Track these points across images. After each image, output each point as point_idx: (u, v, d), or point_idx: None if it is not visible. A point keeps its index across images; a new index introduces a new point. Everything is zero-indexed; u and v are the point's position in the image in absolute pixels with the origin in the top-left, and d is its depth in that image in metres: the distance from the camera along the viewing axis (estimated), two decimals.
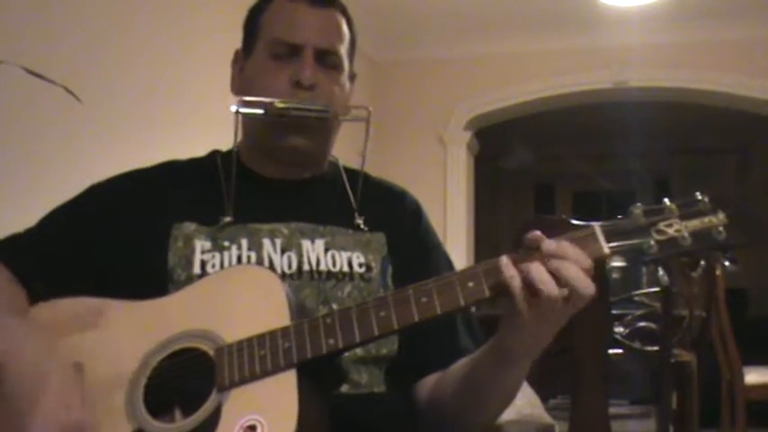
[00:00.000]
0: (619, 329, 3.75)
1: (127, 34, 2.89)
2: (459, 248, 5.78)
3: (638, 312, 3.97)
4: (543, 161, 9.04)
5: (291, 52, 1.39)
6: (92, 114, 2.36)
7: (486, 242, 7.71)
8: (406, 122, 5.76)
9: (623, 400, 6.66)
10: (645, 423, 5.85)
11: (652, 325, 3.80)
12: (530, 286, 1.07)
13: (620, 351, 3.56)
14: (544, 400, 2.96)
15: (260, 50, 1.43)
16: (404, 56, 5.75)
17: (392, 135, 5.60)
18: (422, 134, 5.98)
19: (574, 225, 2.64)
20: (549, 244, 1.08)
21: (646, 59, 5.75)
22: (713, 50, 5.67)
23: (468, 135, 6.10)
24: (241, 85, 1.47)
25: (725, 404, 4.64)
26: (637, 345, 3.71)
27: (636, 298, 4.08)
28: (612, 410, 2.68)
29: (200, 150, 1.54)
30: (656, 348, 3.37)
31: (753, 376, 4.54)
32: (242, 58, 1.49)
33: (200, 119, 3.32)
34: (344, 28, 1.46)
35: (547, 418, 2.60)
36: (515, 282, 1.07)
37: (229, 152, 1.48)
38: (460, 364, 1.32)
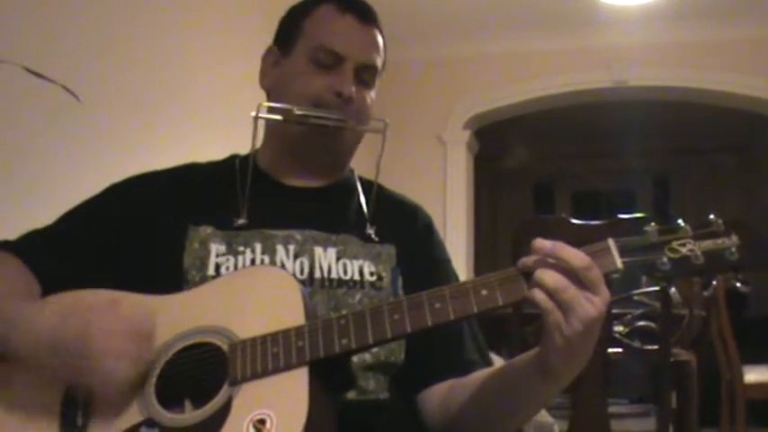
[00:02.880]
0: (618, 328, 3.74)
1: (127, 33, 2.89)
2: (458, 247, 5.78)
3: (638, 311, 3.96)
4: (543, 160, 9.05)
5: (333, 62, 1.42)
6: (91, 113, 2.36)
7: (486, 241, 7.71)
8: (406, 122, 5.76)
9: (623, 399, 6.66)
10: (644, 422, 5.85)
11: (652, 324, 3.79)
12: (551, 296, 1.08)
13: (619, 350, 3.55)
14: None
15: (301, 53, 1.44)
16: (403, 56, 5.75)
17: (392, 134, 5.56)
18: (421, 133, 5.98)
19: (573, 224, 2.65)
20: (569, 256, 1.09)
21: (646, 59, 5.75)
22: (713, 49, 5.67)
23: (467, 134, 6.10)
24: (275, 83, 1.49)
25: (724, 403, 4.65)
26: (636, 344, 3.71)
27: (635, 297, 4.07)
28: (612, 409, 2.68)
29: (200, 150, 1.55)
30: (655, 347, 3.36)
31: (752, 375, 4.54)
32: (277, 55, 1.50)
33: (201, 119, 3.32)
34: (382, 48, 1.49)
35: (547, 417, 2.61)
36: (539, 295, 1.08)
37: (248, 156, 1.49)
38: (486, 376, 1.32)
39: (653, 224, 1.12)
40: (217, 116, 3.41)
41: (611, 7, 5.31)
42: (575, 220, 2.59)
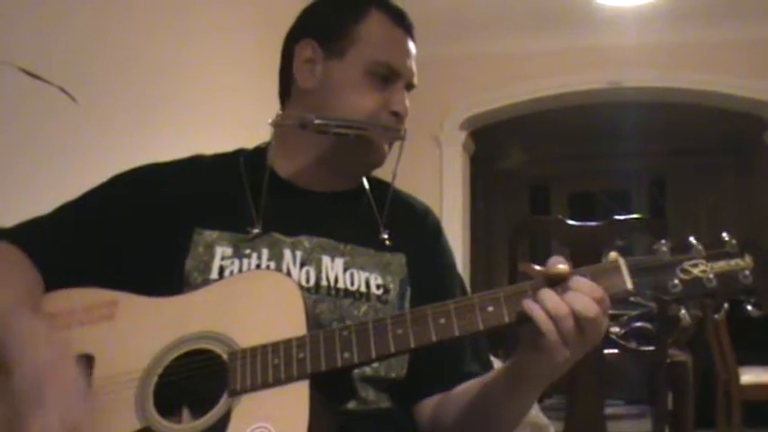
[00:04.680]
0: (614, 329, 3.75)
1: (124, 34, 2.89)
2: (454, 249, 5.67)
3: (634, 312, 3.96)
4: (538, 161, 9.06)
5: (388, 77, 1.40)
6: (88, 115, 2.35)
7: (482, 242, 7.71)
8: None
9: (619, 400, 6.67)
10: (640, 423, 5.86)
11: (648, 325, 3.80)
12: (552, 319, 1.07)
13: (615, 351, 3.56)
14: (539, 399, 2.96)
15: (355, 62, 1.39)
16: None
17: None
18: (417, 134, 5.90)
19: (569, 225, 2.65)
20: (575, 282, 1.08)
21: (641, 60, 5.76)
22: (709, 51, 5.68)
23: (463, 135, 6.10)
24: (318, 84, 1.41)
25: (720, 404, 4.65)
26: (632, 345, 3.71)
27: (632, 298, 4.08)
28: (608, 410, 2.69)
29: (197, 152, 1.53)
30: (651, 348, 3.36)
31: (748, 376, 4.55)
32: (320, 53, 1.41)
33: (198, 120, 3.32)
34: None
35: (542, 418, 2.61)
36: (540, 313, 1.06)
37: (254, 151, 1.48)
38: (469, 385, 1.31)
39: (664, 242, 1.10)
40: (214, 117, 3.40)
41: (606, 8, 5.31)
42: (571, 222, 2.60)
